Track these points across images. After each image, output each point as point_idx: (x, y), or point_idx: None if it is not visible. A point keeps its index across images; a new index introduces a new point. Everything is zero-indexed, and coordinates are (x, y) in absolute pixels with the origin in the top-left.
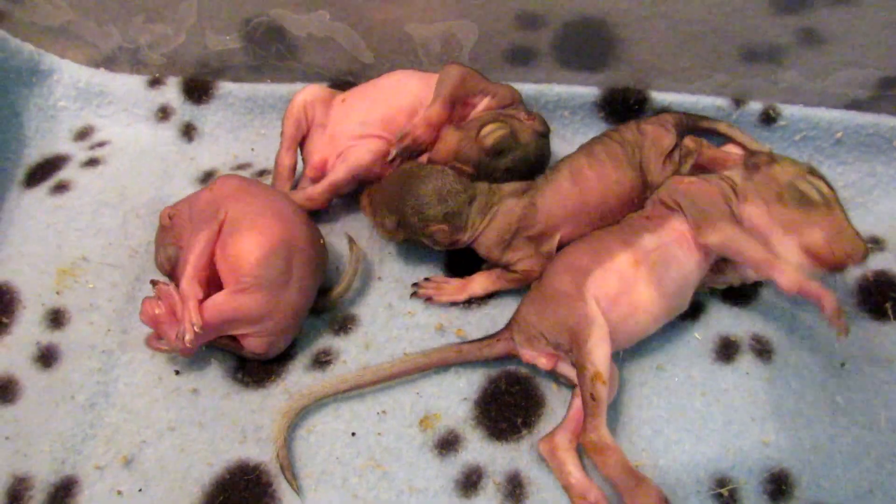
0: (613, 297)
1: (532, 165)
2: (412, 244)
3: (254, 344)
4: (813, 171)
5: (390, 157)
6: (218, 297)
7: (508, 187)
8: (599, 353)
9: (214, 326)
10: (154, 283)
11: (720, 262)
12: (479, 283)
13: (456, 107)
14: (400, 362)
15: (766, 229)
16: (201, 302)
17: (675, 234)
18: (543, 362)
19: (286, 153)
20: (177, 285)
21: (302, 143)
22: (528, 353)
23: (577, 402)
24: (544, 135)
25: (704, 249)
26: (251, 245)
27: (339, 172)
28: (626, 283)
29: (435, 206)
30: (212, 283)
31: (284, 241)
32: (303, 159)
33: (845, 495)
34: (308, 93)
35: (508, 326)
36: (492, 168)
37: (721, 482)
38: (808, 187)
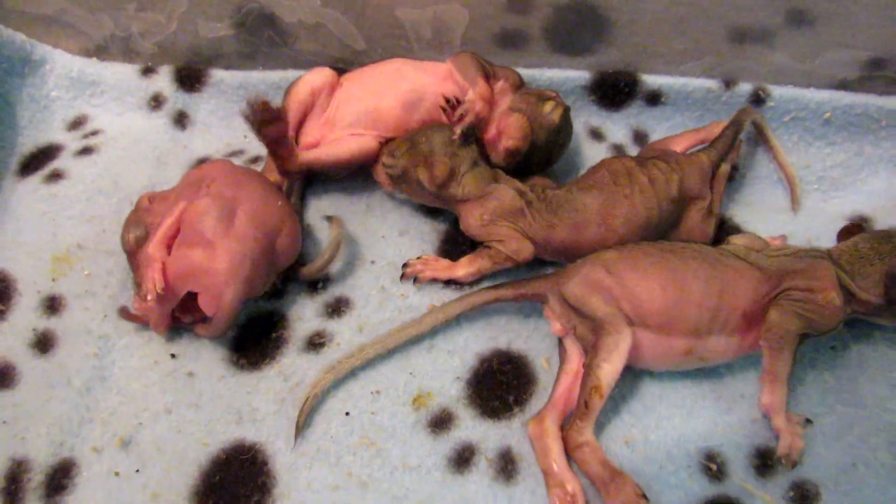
0: (646, 356)
1: (568, 141)
2: (400, 189)
3: (204, 303)
4: None
5: (455, 136)
6: (170, 257)
7: (513, 182)
8: (609, 370)
9: (171, 284)
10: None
11: None
12: (463, 265)
13: None
14: (440, 311)
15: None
16: None
17: (749, 345)
18: (557, 328)
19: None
20: (135, 269)
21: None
22: (551, 312)
23: (566, 380)
24: (569, 109)
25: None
26: (199, 203)
27: (322, 153)
28: (667, 357)
29: (445, 145)
30: None
31: (228, 197)
32: (296, 139)
33: (828, 470)
34: (318, 77)
35: (550, 279)
36: (553, 145)
37: (710, 457)
38: None
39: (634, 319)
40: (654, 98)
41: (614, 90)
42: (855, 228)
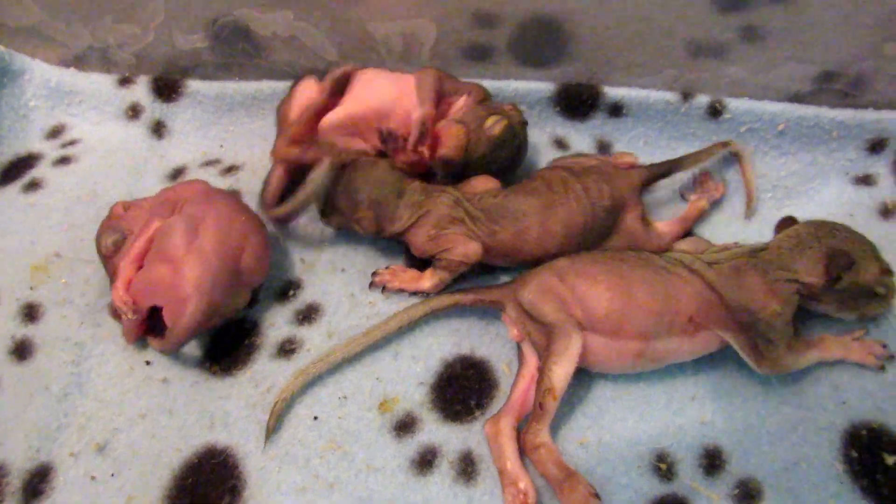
0: (600, 359)
1: (522, 156)
2: (347, 231)
3: (167, 315)
4: (890, 272)
5: (409, 144)
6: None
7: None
8: (560, 373)
9: (137, 298)
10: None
11: None
12: (427, 277)
13: (439, 106)
14: (403, 313)
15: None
16: None
17: (702, 346)
18: (514, 333)
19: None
20: (111, 273)
21: None
22: (508, 318)
23: (523, 383)
24: (526, 124)
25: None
26: (168, 221)
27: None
28: (619, 359)
29: (363, 193)
30: None
31: (194, 216)
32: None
33: (772, 469)
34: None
35: (507, 287)
36: (494, 158)
37: (660, 457)
38: (883, 290)
39: (586, 324)
40: (616, 109)
41: (578, 101)
42: (791, 220)
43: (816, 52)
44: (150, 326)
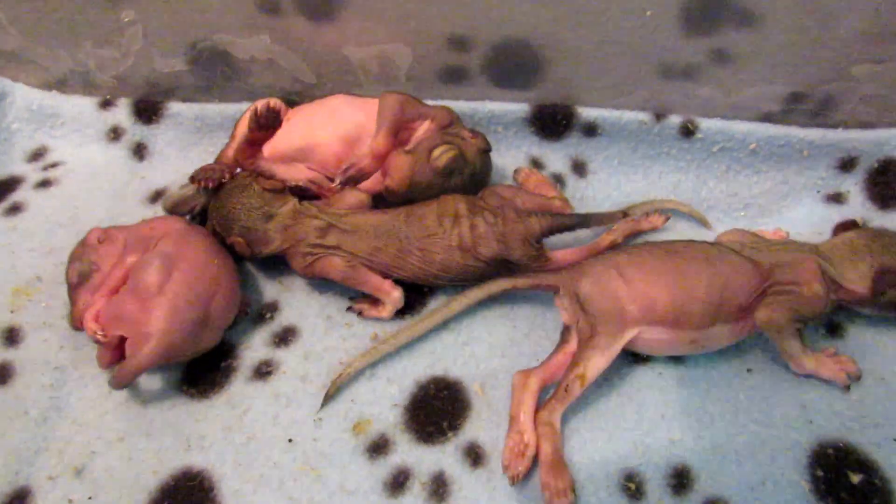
0: (654, 347)
1: (479, 182)
2: None
3: (127, 347)
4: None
5: (335, 183)
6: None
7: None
8: (597, 366)
9: (104, 325)
10: None
11: None
12: (383, 306)
13: (398, 133)
14: (462, 298)
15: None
16: None
17: (745, 331)
18: (566, 317)
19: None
20: (72, 303)
21: None
22: (561, 302)
23: (560, 357)
24: (487, 151)
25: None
26: (145, 257)
27: (276, 169)
28: (671, 346)
29: (232, 220)
30: None
31: (170, 255)
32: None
33: (739, 488)
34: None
35: (566, 274)
36: (444, 188)
37: (629, 477)
38: None
39: (645, 318)
40: (590, 129)
41: (553, 122)
42: (850, 224)
43: (785, 73)
44: (123, 354)
